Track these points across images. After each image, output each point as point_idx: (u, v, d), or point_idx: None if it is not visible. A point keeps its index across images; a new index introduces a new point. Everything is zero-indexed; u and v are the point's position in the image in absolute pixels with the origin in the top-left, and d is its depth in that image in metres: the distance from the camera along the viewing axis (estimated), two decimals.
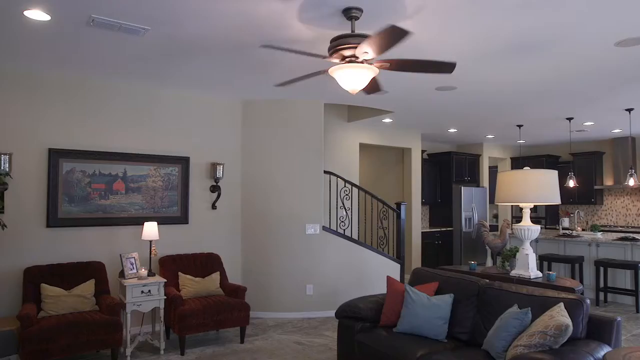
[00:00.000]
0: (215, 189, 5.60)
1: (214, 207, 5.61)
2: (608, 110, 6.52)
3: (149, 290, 4.33)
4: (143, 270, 4.46)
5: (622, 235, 7.03)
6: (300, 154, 5.83)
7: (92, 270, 4.50)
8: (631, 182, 7.06)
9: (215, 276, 5.01)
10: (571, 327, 2.69)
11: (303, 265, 5.76)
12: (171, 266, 4.95)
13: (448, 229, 9.31)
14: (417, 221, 8.58)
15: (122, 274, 4.46)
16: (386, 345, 3.34)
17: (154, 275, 4.55)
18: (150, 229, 4.62)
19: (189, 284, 4.80)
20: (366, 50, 2.77)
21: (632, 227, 9.13)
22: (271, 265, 5.75)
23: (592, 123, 7.58)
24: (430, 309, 3.43)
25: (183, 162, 5.38)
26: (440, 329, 3.37)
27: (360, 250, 6.03)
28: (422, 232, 8.70)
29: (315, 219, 5.81)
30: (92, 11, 3.08)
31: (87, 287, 4.32)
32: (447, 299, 3.48)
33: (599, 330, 2.90)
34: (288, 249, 5.75)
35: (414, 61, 3.02)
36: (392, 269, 6.17)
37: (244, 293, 4.82)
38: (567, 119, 7.13)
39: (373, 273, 6.06)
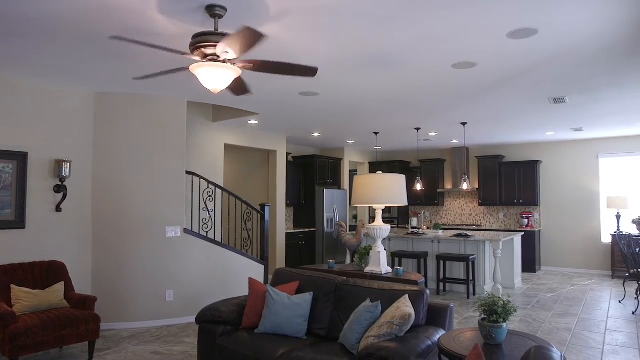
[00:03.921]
0: (60, 189, 5.01)
1: (58, 209, 5.02)
2: (448, 123, 7.42)
3: None
4: None
5: (458, 232, 8.05)
6: (160, 153, 5.52)
7: None
8: (465, 186, 8.17)
9: (59, 287, 4.48)
10: (414, 316, 3.00)
11: (163, 270, 5.46)
12: (1, 278, 4.29)
13: (311, 229, 9.67)
14: (282, 222, 8.74)
15: None
16: (248, 347, 3.34)
17: None
18: None
19: (25, 298, 4.22)
20: (226, 50, 2.74)
21: (466, 225, 10.51)
22: (127, 272, 5.33)
23: (435, 134, 8.55)
24: (290, 308, 3.52)
25: (19, 158, 4.71)
26: (300, 326, 3.48)
27: (223, 252, 5.93)
28: (286, 233, 8.89)
29: (176, 221, 5.55)
30: None
31: None
32: (306, 297, 3.61)
33: (436, 317, 3.30)
34: (146, 253, 5.40)
35: (278, 63, 3.08)
36: (257, 270, 6.19)
37: (93, 303, 4.40)
38: (416, 129, 7.94)
39: (237, 275, 6.00)
